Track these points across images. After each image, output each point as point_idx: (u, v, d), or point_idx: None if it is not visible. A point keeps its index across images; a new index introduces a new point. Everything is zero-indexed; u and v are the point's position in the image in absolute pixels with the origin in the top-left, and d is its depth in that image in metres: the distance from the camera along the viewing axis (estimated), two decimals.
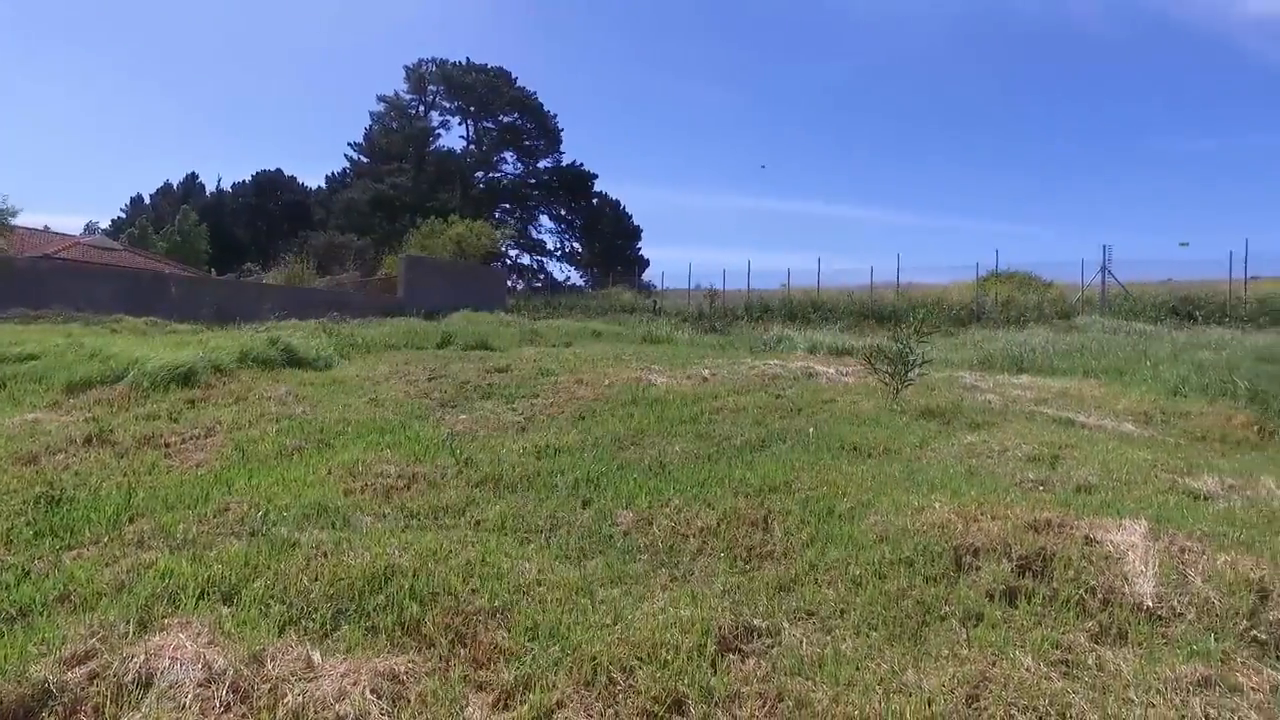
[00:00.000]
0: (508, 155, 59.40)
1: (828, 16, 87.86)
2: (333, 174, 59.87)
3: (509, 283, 46.60)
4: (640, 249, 59.93)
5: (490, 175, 59.43)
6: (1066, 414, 7.95)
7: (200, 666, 2.62)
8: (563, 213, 60.61)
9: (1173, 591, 3.33)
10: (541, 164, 59.75)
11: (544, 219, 60.71)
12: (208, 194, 56.60)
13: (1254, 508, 4.57)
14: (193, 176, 57.62)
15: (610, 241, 58.34)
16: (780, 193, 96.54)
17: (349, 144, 59.75)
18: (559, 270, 59.84)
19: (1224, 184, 79.19)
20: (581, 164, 59.40)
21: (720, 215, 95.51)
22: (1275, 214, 70.55)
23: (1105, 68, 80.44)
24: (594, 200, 60.19)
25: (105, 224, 48.67)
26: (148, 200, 55.45)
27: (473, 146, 59.04)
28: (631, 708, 2.61)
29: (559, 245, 60.73)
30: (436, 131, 58.53)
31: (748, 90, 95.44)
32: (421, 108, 58.96)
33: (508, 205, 59.36)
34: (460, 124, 59.17)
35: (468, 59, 57.72)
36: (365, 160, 57.86)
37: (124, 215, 52.51)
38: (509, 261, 54.83)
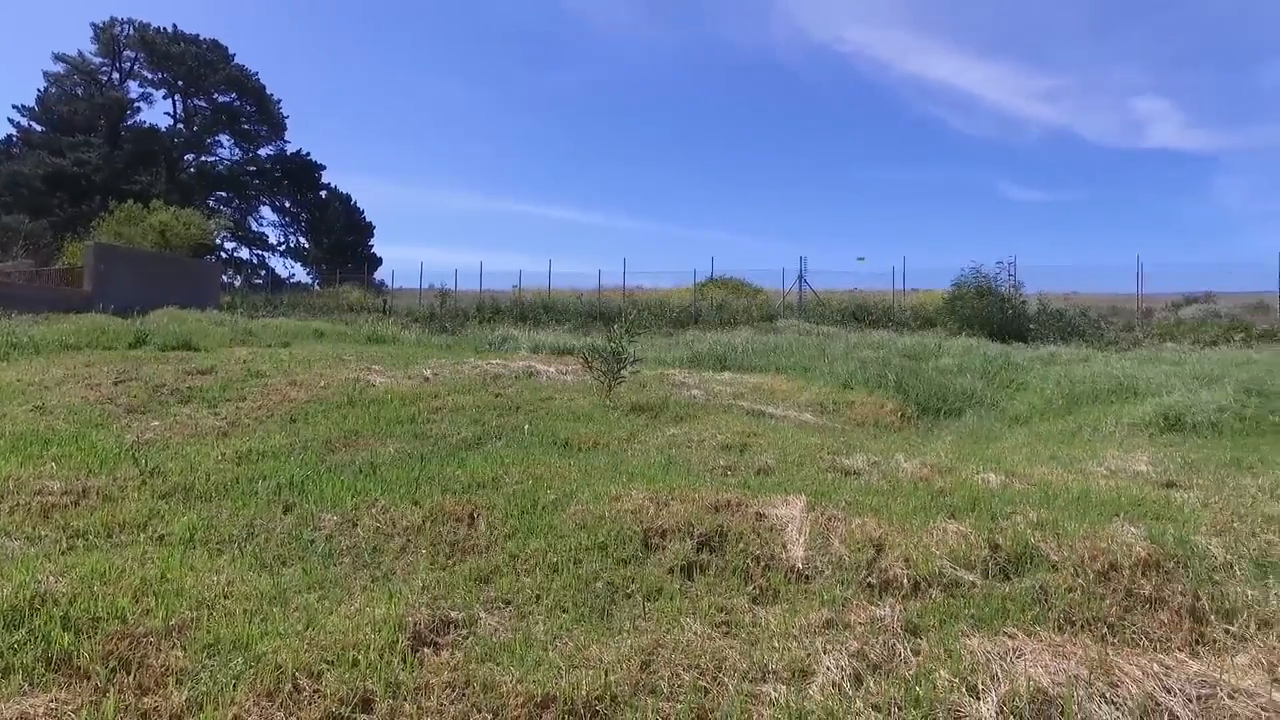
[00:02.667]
0: (223, 138, 54.11)
1: (568, 27, 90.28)
2: None
3: (225, 278, 42.49)
4: (373, 246, 57.46)
5: (202, 159, 53.61)
6: (759, 406, 8.92)
7: None
8: (287, 205, 56.39)
9: (817, 554, 3.91)
10: (263, 151, 55.16)
11: (266, 210, 56.25)
12: None
13: (886, 479, 5.48)
14: None
15: (340, 237, 55.16)
16: (516, 195, 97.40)
17: (15, 107, 51.19)
18: (283, 266, 55.73)
19: (890, 209, 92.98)
20: (308, 154, 55.60)
21: (456, 215, 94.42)
22: (923, 236, 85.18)
23: (805, 103, 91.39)
24: (322, 193, 56.60)
25: None
26: None
27: (181, 126, 52.81)
28: (316, 712, 2.56)
29: (283, 239, 56.49)
30: (136, 105, 51.64)
31: (486, 91, 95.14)
32: (115, 75, 51.61)
33: (223, 193, 54.04)
34: (166, 99, 52.74)
35: (175, 26, 51.53)
36: (39, 129, 49.50)
37: None
38: (225, 255, 49.85)
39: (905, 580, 3.60)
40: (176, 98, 52.81)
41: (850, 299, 27.51)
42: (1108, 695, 2.49)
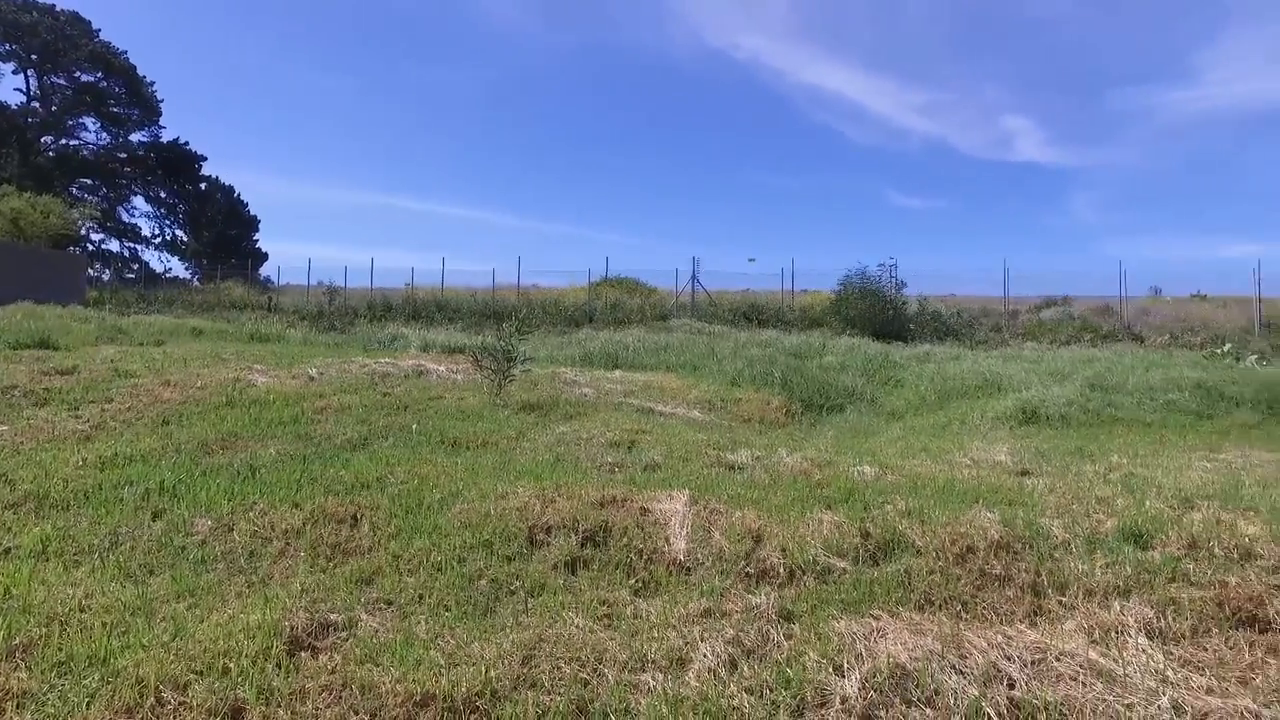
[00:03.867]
0: (88, 121, 49.99)
1: (462, 24, 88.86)
2: None
3: (91, 272, 39.60)
4: (257, 241, 54.67)
5: (64, 142, 49.43)
6: (648, 404, 9.05)
7: None
8: (163, 195, 52.81)
9: (699, 546, 4.03)
10: (135, 137, 51.35)
11: (139, 200, 52.39)
12: None
13: (768, 473, 5.69)
14: None
15: (222, 231, 52.19)
16: (409, 192, 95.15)
17: None
18: (158, 260, 52.33)
19: (782, 212, 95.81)
20: (187, 142, 52.22)
21: (347, 210, 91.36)
22: (813, 238, 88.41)
23: (700, 107, 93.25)
24: (202, 184, 53.27)
25: None
26: None
27: (36, 104, 48.55)
28: None
29: (158, 231, 52.88)
30: None
31: (380, 86, 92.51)
32: None
33: (89, 180, 49.98)
34: (17, 74, 48.31)
35: None
36: None
37: None
38: (91, 247, 46.34)
39: (781, 569, 3.76)
40: (30, 73, 48.60)
41: (743, 299, 28.23)
42: (957, 666, 2.70)
